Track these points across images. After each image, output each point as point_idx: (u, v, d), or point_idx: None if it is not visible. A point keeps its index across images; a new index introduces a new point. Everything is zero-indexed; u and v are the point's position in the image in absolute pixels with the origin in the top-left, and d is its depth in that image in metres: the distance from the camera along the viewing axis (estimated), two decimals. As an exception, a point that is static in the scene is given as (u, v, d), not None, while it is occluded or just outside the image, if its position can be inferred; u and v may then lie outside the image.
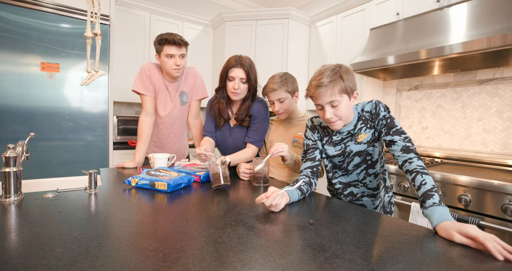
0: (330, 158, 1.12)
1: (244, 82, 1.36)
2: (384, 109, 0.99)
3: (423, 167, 0.85)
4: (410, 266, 0.54)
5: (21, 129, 1.95)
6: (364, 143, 1.03)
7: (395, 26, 2.09)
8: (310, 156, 1.11)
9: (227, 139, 1.49)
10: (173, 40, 1.45)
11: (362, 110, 1.03)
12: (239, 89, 1.35)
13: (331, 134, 1.09)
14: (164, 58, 1.50)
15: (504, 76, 1.85)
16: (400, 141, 0.92)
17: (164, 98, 1.63)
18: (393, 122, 0.96)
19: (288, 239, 0.65)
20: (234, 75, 1.35)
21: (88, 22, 1.17)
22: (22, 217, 0.72)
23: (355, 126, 1.03)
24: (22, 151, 0.91)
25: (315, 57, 2.94)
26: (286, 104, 1.33)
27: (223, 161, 1.12)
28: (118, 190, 1.03)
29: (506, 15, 1.51)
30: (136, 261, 0.52)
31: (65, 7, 2.06)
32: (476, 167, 1.84)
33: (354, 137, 1.04)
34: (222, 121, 1.47)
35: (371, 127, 1.02)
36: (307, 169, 1.09)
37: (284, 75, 1.34)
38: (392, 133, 0.95)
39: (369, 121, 1.01)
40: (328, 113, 0.95)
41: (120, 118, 2.77)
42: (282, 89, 1.30)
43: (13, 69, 1.91)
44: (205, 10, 3.52)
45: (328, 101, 0.94)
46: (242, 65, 1.34)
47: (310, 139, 1.14)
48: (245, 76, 1.35)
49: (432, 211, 0.73)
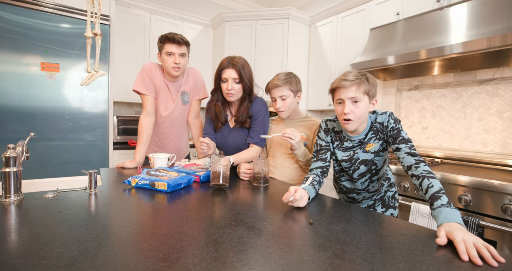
0: (339, 161, 1.15)
1: (237, 82, 1.36)
2: (394, 121, 1.01)
3: (429, 171, 0.85)
4: (410, 266, 0.54)
5: (21, 129, 1.95)
6: (371, 152, 1.05)
7: (395, 26, 2.09)
8: (322, 156, 1.13)
9: (228, 140, 1.49)
10: (173, 38, 1.47)
11: (375, 120, 1.05)
12: (233, 90, 1.35)
13: (342, 140, 1.12)
14: (164, 56, 1.51)
15: (504, 76, 1.85)
16: (406, 148, 0.95)
17: (166, 98, 1.63)
18: (399, 133, 0.99)
19: (288, 239, 0.65)
20: (227, 76, 1.34)
21: (88, 22, 1.17)
22: (22, 217, 0.72)
23: (366, 135, 1.06)
24: (22, 151, 0.91)
25: (315, 57, 2.94)
26: (287, 103, 1.34)
27: (225, 164, 1.11)
28: (118, 190, 1.03)
29: (506, 15, 1.51)
30: (136, 261, 0.52)
31: (65, 7, 2.06)
32: (476, 167, 1.84)
33: (363, 145, 1.06)
34: (219, 124, 1.47)
35: (380, 138, 1.04)
36: (317, 168, 1.12)
37: (289, 74, 1.36)
38: (398, 142, 0.97)
39: (379, 132, 1.04)
40: (348, 108, 0.97)
41: (120, 118, 2.77)
42: (285, 87, 1.31)
43: (13, 69, 1.92)
44: (205, 10, 3.52)
45: (350, 96, 0.97)
46: (234, 66, 1.34)
47: (324, 140, 1.16)
48: (238, 76, 1.34)
49: (439, 212, 0.71)
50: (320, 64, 2.87)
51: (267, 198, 1.02)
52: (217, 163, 1.10)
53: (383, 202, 1.16)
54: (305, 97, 2.99)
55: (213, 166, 1.11)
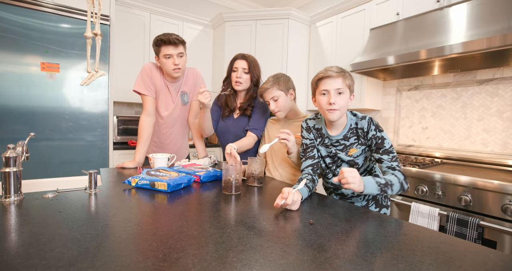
0: (322, 158, 1.18)
1: (246, 72, 1.49)
2: (375, 128, 1.04)
3: (397, 180, 0.97)
4: (410, 266, 0.54)
5: (21, 129, 1.95)
6: (354, 156, 1.10)
7: (395, 26, 2.09)
8: (309, 154, 1.16)
9: (229, 129, 1.59)
10: (168, 40, 1.46)
11: (355, 124, 1.08)
12: (241, 78, 1.49)
13: (323, 137, 1.16)
14: (162, 59, 1.51)
15: (504, 76, 1.85)
16: (388, 160, 1.01)
17: (166, 98, 1.63)
18: (383, 143, 1.02)
19: (288, 239, 0.65)
20: (238, 65, 1.50)
21: (88, 22, 1.17)
22: (22, 217, 0.72)
23: (345, 137, 1.10)
24: (22, 151, 0.91)
25: (315, 57, 2.94)
26: (280, 103, 1.35)
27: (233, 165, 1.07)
28: (118, 190, 1.03)
29: (506, 15, 1.51)
30: (136, 261, 0.52)
31: (65, 7, 2.06)
32: (476, 167, 1.84)
33: (346, 149, 1.10)
34: (227, 111, 1.59)
35: (362, 144, 1.08)
36: (308, 167, 1.14)
37: (276, 75, 1.39)
38: (382, 152, 1.02)
39: (361, 138, 1.08)
40: (333, 98, 1.01)
41: (120, 118, 2.77)
42: (274, 88, 1.34)
43: (13, 69, 1.91)
44: (205, 10, 3.52)
45: (336, 87, 1.01)
46: (244, 58, 1.51)
47: (307, 138, 1.19)
48: (247, 66, 1.49)
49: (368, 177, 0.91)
50: (320, 64, 2.86)
51: (267, 198, 1.02)
52: (230, 171, 1.05)
53: (377, 202, 1.17)
54: (306, 97, 2.99)
55: (225, 173, 1.06)
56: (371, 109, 2.58)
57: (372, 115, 2.62)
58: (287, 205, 0.86)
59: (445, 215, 1.46)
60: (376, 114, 2.63)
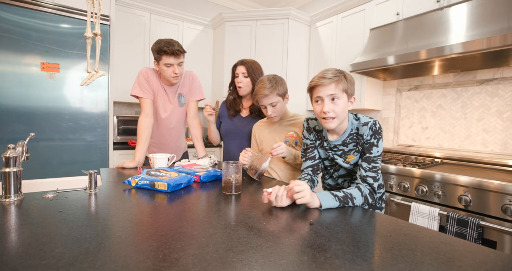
0: (322, 159, 1.18)
1: (246, 76, 1.55)
2: (372, 134, 1.00)
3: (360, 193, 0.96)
4: (410, 266, 0.54)
5: (21, 129, 1.95)
6: (351, 163, 1.09)
7: (395, 26, 2.09)
8: (310, 155, 1.16)
9: (238, 127, 1.65)
10: (171, 51, 1.47)
11: (357, 130, 1.04)
12: (241, 83, 1.56)
13: (322, 139, 1.14)
14: (163, 67, 1.53)
15: (504, 76, 1.85)
16: (363, 170, 1.00)
17: (163, 100, 1.66)
18: (370, 149, 1.00)
19: (288, 239, 0.65)
20: (238, 71, 1.57)
21: (88, 22, 1.17)
22: (22, 217, 0.72)
23: (343, 143, 1.06)
24: (22, 151, 0.91)
25: (315, 57, 2.94)
26: (278, 108, 1.33)
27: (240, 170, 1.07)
28: (118, 190, 1.03)
29: (506, 15, 1.51)
30: (136, 261, 0.52)
31: (65, 7, 2.06)
32: (476, 167, 1.84)
33: (345, 155, 1.09)
34: (232, 112, 1.68)
35: (358, 151, 1.06)
36: (308, 167, 1.14)
37: (273, 78, 1.32)
38: (364, 158, 1.01)
39: (358, 145, 1.05)
40: (327, 106, 0.97)
41: (120, 118, 2.77)
42: (273, 94, 1.29)
43: (13, 69, 1.91)
44: (205, 10, 3.52)
45: (329, 94, 0.96)
46: (243, 63, 1.57)
47: (308, 138, 1.18)
48: (246, 71, 1.55)
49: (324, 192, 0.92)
50: (320, 64, 2.87)
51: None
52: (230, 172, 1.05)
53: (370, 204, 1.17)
54: (306, 98, 2.99)
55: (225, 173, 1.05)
56: (371, 110, 2.58)
57: (372, 116, 2.62)
58: (273, 203, 0.87)
59: (445, 215, 1.46)
60: (376, 114, 2.63)
